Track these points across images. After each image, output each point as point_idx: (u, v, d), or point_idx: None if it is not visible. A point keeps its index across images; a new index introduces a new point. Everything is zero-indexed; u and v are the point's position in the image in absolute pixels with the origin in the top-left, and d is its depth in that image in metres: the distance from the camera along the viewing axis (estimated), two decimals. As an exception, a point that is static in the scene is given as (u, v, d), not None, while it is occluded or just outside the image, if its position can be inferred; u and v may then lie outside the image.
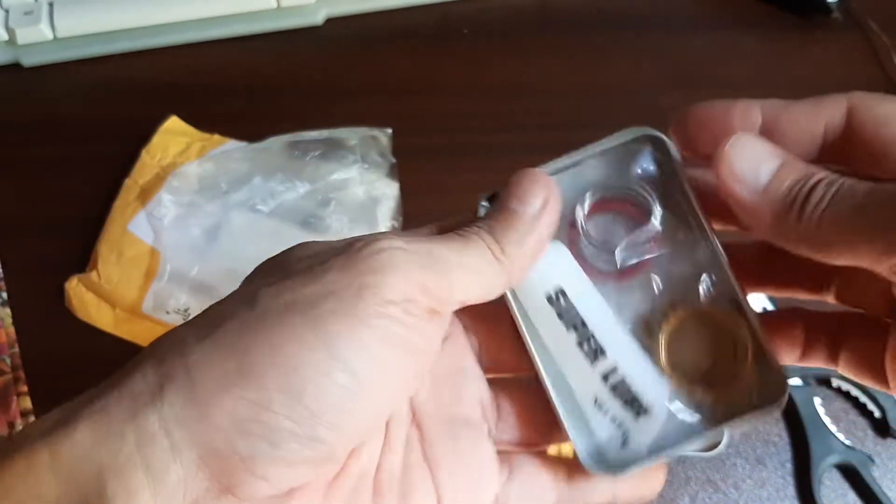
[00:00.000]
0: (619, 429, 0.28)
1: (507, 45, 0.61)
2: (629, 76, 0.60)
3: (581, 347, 0.28)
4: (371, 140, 0.56)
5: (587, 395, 0.28)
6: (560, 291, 0.28)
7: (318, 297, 0.23)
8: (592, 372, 0.28)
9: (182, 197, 0.54)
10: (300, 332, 0.23)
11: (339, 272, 0.24)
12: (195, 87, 0.60)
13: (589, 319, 0.28)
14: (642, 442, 0.28)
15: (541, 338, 0.29)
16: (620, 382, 0.28)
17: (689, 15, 0.62)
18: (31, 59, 0.60)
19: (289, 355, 0.22)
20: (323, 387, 0.22)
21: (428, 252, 0.25)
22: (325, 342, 0.23)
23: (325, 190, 0.54)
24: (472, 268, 0.26)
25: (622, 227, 0.29)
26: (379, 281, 0.23)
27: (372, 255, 0.24)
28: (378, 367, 0.24)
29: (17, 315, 0.54)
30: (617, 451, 0.28)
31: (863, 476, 0.48)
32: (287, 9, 0.61)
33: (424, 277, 0.24)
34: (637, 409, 0.28)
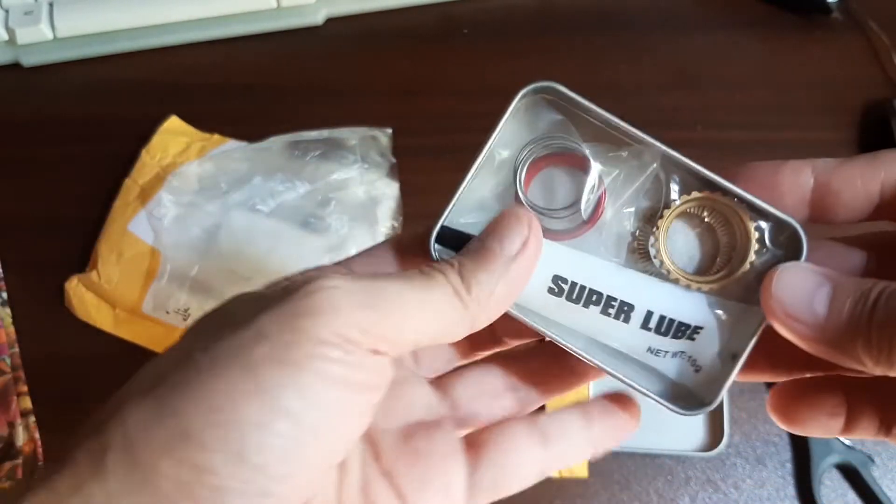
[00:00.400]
0: (684, 359, 0.28)
1: (507, 45, 0.61)
2: (629, 76, 0.60)
3: (608, 314, 0.28)
4: (371, 140, 0.56)
5: (640, 349, 0.28)
6: (557, 278, 0.28)
7: (251, 343, 0.22)
8: (631, 328, 0.28)
9: (182, 197, 0.54)
10: (235, 384, 0.22)
11: (271, 316, 0.23)
12: (195, 87, 0.60)
13: (598, 286, 0.28)
14: (711, 357, 0.28)
15: (565, 328, 0.28)
16: (661, 320, 0.28)
17: (689, 15, 0.62)
18: (31, 59, 0.60)
19: (226, 412, 0.21)
20: (265, 440, 0.21)
21: (373, 290, 0.24)
22: (261, 392, 0.21)
23: (325, 190, 0.54)
24: (431, 309, 0.24)
25: (563, 181, 0.29)
26: (312, 323, 0.22)
27: (307, 295, 0.23)
28: (322, 411, 0.22)
29: (16, 315, 0.54)
30: (694, 379, 0.28)
31: (863, 476, 0.48)
32: (287, 9, 0.61)
33: (364, 317, 0.23)
34: (689, 332, 0.28)
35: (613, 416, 0.30)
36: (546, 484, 0.50)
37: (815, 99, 0.58)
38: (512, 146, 0.29)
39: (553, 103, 0.29)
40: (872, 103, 0.58)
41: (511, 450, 0.28)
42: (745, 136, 0.57)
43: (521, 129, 0.29)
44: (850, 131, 0.57)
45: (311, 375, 0.22)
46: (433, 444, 0.28)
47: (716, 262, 0.28)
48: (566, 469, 0.49)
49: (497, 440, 0.29)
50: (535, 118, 0.29)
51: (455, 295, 0.25)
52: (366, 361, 0.23)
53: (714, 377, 0.28)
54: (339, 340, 0.22)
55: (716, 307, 0.28)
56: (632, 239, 0.29)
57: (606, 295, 0.28)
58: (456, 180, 0.28)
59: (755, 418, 0.51)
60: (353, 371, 0.23)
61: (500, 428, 0.29)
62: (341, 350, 0.22)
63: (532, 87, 0.28)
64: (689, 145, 0.30)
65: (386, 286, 0.24)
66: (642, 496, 0.50)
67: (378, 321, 0.23)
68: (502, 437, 0.29)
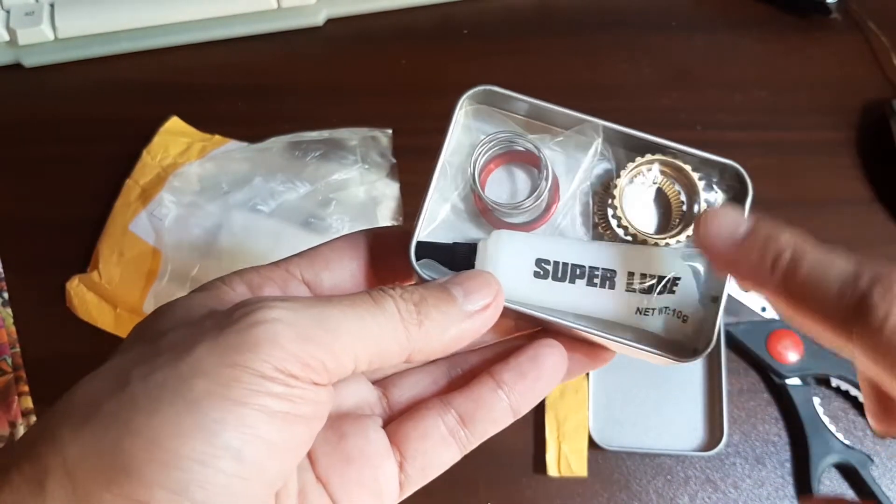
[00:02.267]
0: (670, 313, 0.29)
1: (507, 45, 0.61)
2: (629, 76, 0.60)
3: (594, 284, 0.29)
4: (371, 140, 0.56)
5: (629, 313, 0.29)
6: (539, 261, 0.29)
7: (190, 377, 0.22)
8: (618, 293, 0.29)
9: (183, 197, 0.54)
10: (177, 419, 0.21)
11: (209, 348, 0.22)
12: (196, 87, 0.60)
13: (578, 259, 0.29)
14: (694, 304, 0.29)
15: (554, 308, 0.29)
16: (643, 278, 0.29)
17: (689, 15, 0.62)
18: (32, 60, 0.60)
19: (168, 449, 0.21)
20: (208, 477, 0.21)
21: (315, 319, 0.23)
22: (203, 430, 0.21)
23: (326, 190, 0.54)
24: (373, 336, 0.24)
25: (517, 176, 0.31)
26: (252, 358, 0.22)
27: (247, 328, 0.22)
28: (264, 446, 0.22)
29: (18, 315, 0.54)
30: (683, 330, 0.29)
31: (862, 475, 0.48)
32: (288, 9, 0.61)
33: (304, 350, 0.23)
34: (670, 285, 0.29)
35: (528, 377, 0.29)
36: (545, 483, 0.50)
37: (815, 99, 0.58)
38: (462, 152, 0.30)
39: (493, 104, 0.31)
40: (871, 104, 0.58)
41: (431, 436, 0.29)
42: (745, 136, 0.57)
43: (469, 134, 0.31)
44: (850, 132, 0.57)
45: (252, 412, 0.22)
46: (363, 448, 0.28)
47: (671, 217, 0.30)
48: (566, 469, 0.49)
49: (416, 428, 0.29)
50: (479, 122, 0.31)
51: (401, 324, 0.25)
52: (307, 394, 0.23)
53: (701, 323, 0.29)
54: (279, 376, 0.22)
55: (686, 257, 0.30)
56: (592, 214, 0.30)
57: (588, 266, 0.29)
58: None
59: (754, 418, 0.51)
60: (294, 405, 0.23)
61: (417, 417, 0.29)
62: (283, 385, 0.22)
63: (470, 92, 0.30)
64: (688, 145, 0.30)
65: (329, 314, 0.24)
66: (641, 496, 0.50)
67: (317, 353, 0.23)
68: (421, 424, 0.29)
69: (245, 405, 0.22)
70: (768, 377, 0.51)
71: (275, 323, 0.23)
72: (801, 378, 0.50)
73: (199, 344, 0.22)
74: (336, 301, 0.25)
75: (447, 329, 0.26)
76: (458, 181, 0.30)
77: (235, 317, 0.23)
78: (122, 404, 0.22)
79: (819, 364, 0.50)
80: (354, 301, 0.25)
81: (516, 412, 0.29)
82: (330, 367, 0.23)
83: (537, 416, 0.51)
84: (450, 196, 0.30)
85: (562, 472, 0.49)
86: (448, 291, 0.26)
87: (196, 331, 0.23)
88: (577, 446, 0.50)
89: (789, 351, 0.50)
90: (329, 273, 0.29)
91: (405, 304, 0.25)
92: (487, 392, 0.29)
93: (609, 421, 0.51)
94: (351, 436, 0.28)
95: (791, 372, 0.50)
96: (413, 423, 0.29)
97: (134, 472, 0.21)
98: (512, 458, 0.50)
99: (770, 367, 0.50)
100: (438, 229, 0.30)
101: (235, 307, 0.24)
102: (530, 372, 0.29)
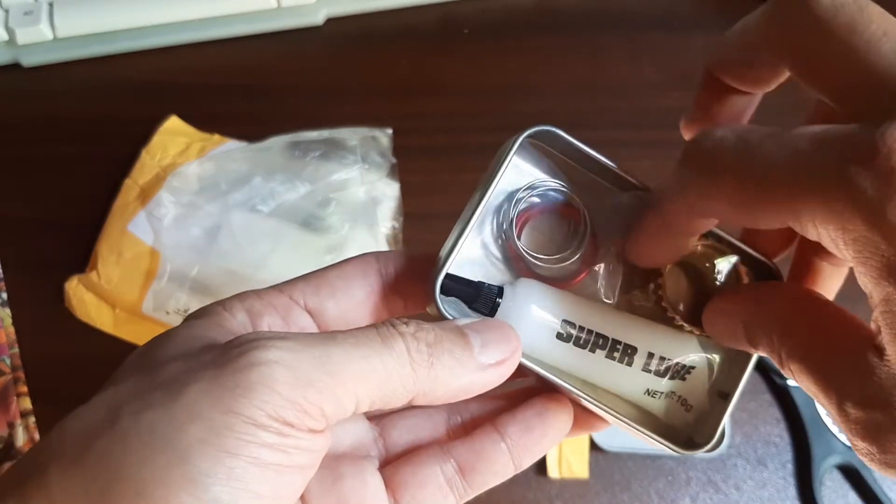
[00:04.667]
0: (674, 399, 0.29)
1: (507, 45, 0.61)
2: (629, 76, 0.60)
3: (613, 358, 0.28)
4: (371, 140, 0.56)
5: (638, 392, 0.28)
6: (565, 322, 0.28)
7: (182, 423, 0.21)
8: (633, 370, 0.28)
9: (182, 197, 0.54)
10: (166, 469, 0.21)
11: (204, 390, 0.21)
12: (195, 87, 0.60)
13: (604, 329, 0.28)
14: (701, 396, 0.29)
15: (566, 371, 0.28)
16: (660, 361, 0.28)
17: (689, 15, 0.62)
18: (31, 59, 0.60)
19: (155, 499, 0.21)
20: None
21: (316, 361, 0.22)
22: (193, 482, 0.21)
23: (326, 190, 0.54)
24: (374, 376, 0.23)
25: (555, 227, 0.29)
26: (246, 403, 0.21)
27: (243, 369, 0.22)
28: (254, 499, 0.22)
29: (16, 315, 0.54)
30: (685, 418, 0.29)
31: (864, 477, 0.48)
32: (287, 9, 0.61)
33: (302, 397, 0.22)
34: (683, 373, 0.28)
35: (535, 432, 0.28)
36: (546, 484, 0.50)
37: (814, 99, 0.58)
38: (503, 190, 0.28)
39: (542, 146, 0.29)
40: (873, 103, 0.57)
41: (428, 485, 0.27)
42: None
43: (512, 173, 0.28)
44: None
45: (243, 463, 0.21)
46: (358, 491, 0.27)
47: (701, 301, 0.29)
48: (567, 470, 0.49)
49: (415, 476, 0.28)
50: (525, 162, 0.29)
51: (410, 365, 0.24)
52: (301, 443, 0.22)
53: (705, 416, 0.29)
54: (274, 424, 0.22)
55: (706, 347, 0.29)
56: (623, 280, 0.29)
57: (612, 339, 0.28)
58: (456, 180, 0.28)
59: (756, 419, 0.51)
60: (287, 455, 0.22)
61: (416, 462, 0.28)
62: (276, 434, 0.22)
63: (530, 131, 0.27)
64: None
65: (331, 353, 0.23)
66: (643, 497, 0.50)
67: (316, 397, 0.22)
68: (420, 472, 0.28)
69: (236, 456, 0.21)
70: (770, 378, 0.51)
71: (272, 365, 0.22)
72: (802, 379, 0.50)
73: (193, 384, 0.22)
74: (340, 339, 0.23)
75: (458, 378, 0.25)
76: (490, 219, 0.29)
77: (232, 355, 0.22)
78: (113, 445, 0.21)
79: (821, 365, 0.50)
80: (359, 339, 0.24)
81: (518, 466, 0.28)
82: (328, 412, 0.23)
83: (538, 417, 0.51)
84: (480, 233, 0.29)
85: (563, 473, 0.49)
86: (466, 337, 0.25)
87: (192, 367, 0.22)
88: (579, 448, 0.50)
89: (791, 351, 0.50)
90: (335, 302, 0.28)
91: (417, 343, 0.24)
92: (490, 444, 0.28)
93: (610, 422, 0.51)
94: (348, 478, 0.27)
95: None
96: (412, 469, 0.28)
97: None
98: (512, 459, 0.50)
99: (772, 368, 0.50)
100: (461, 264, 0.28)
101: (233, 343, 0.23)
102: (536, 427, 0.28)
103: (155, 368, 0.23)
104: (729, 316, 0.26)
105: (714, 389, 0.29)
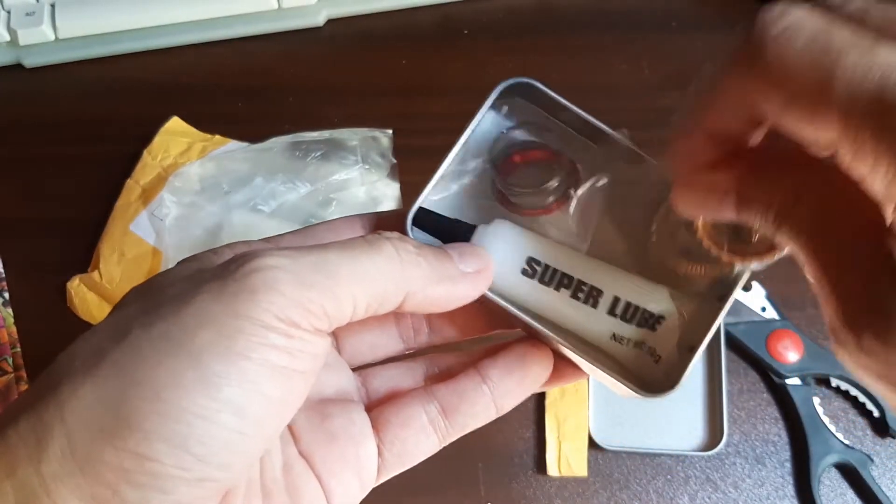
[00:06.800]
0: (644, 350, 0.29)
1: (507, 45, 0.61)
2: (629, 76, 0.60)
3: (577, 298, 0.29)
4: (372, 141, 0.56)
5: (604, 336, 0.29)
6: (531, 260, 0.29)
7: (193, 328, 0.22)
8: (598, 312, 0.29)
9: (184, 197, 0.54)
10: (180, 372, 0.21)
11: (212, 297, 0.22)
12: (196, 87, 0.60)
13: (570, 270, 0.29)
14: (670, 348, 0.29)
15: (534, 311, 0.29)
16: (627, 306, 0.29)
17: (689, 15, 0.62)
18: (33, 60, 0.60)
19: (170, 401, 0.21)
20: (210, 431, 0.21)
21: (313, 266, 0.23)
22: (207, 383, 0.21)
23: (326, 190, 0.54)
24: (367, 276, 0.24)
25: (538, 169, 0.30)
26: (254, 306, 0.22)
27: (246, 276, 0.22)
28: (265, 401, 0.22)
29: (18, 315, 0.54)
30: (653, 369, 0.29)
31: (862, 475, 0.48)
32: (288, 10, 0.61)
33: (304, 295, 0.23)
34: (652, 322, 0.29)
35: (514, 375, 0.29)
36: (545, 483, 0.50)
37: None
38: (487, 139, 0.30)
39: (530, 98, 0.30)
40: (872, 103, 0.58)
41: (412, 424, 0.29)
42: (745, 136, 0.57)
43: (498, 121, 0.31)
44: (850, 131, 0.57)
45: (255, 366, 0.22)
46: (347, 427, 0.28)
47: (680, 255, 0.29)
48: (566, 468, 0.49)
49: (398, 415, 0.29)
50: (512, 112, 0.31)
51: (399, 264, 0.25)
52: (306, 346, 0.23)
53: (672, 368, 0.29)
54: (281, 325, 0.22)
55: (678, 299, 0.29)
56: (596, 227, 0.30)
57: (577, 279, 0.29)
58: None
59: (754, 418, 0.51)
60: (294, 359, 0.23)
61: (400, 404, 0.29)
62: (284, 336, 0.22)
63: (510, 82, 0.29)
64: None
65: (325, 258, 0.24)
66: (642, 495, 0.50)
67: (318, 297, 0.23)
68: (403, 412, 0.29)
69: (248, 359, 0.22)
70: (768, 377, 0.51)
71: (273, 270, 0.23)
72: (800, 378, 0.50)
73: (201, 293, 0.22)
74: (332, 247, 0.24)
75: (442, 280, 0.26)
76: (477, 165, 0.30)
77: (233, 268, 0.23)
78: (126, 353, 0.22)
79: (819, 364, 0.50)
80: (351, 245, 0.25)
81: (499, 409, 0.30)
82: (330, 311, 0.23)
83: (537, 416, 0.51)
84: (464, 176, 0.30)
85: (562, 471, 0.50)
86: (445, 250, 0.27)
87: (196, 283, 0.23)
88: (578, 446, 0.50)
89: (789, 351, 0.50)
90: None
91: (404, 244, 0.25)
92: (472, 386, 0.29)
93: (609, 421, 0.51)
94: (335, 416, 0.28)
95: (791, 372, 0.50)
96: (395, 409, 0.29)
97: (135, 425, 0.21)
98: (512, 458, 0.51)
99: (770, 367, 0.50)
100: (443, 203, 0.30)
101: (231, 260, 0.24)
102: (516, 370, 0.29)
103: (158, 291, 0.24)
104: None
105: (684, 343, 0.29)
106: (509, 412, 0.30)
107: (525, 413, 0.51)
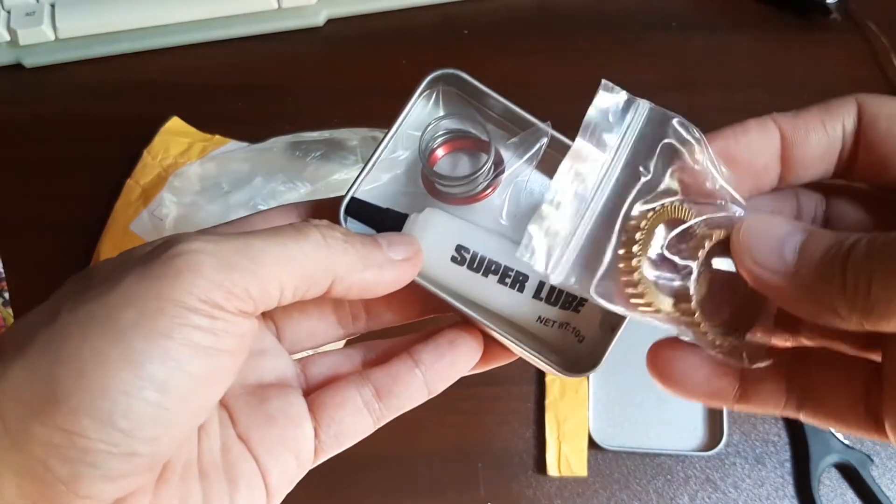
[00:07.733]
0: (568, 330, 0.30)
1: (507, 45, 0.61)
2: (629, 76, 0.60)
3: (504, 283, 0.30)
4: (372, 140, 0.56)
5: (530, 318, 0.30)
6: (459, 248, 0.30)
7: (118, 308, 0.23)
8: (524, 297, 0.30)
9: (184, 197, 0.54)
10: (104, 350, 0.22)
11: (136, 279, 0.23)
12: (196, 87, 0.60)
13: (498, 257, 0.30)
14: (593, 328, 0.30)
15: (464, 296, 0.30)
16: (551, 291, 0.30)
17: (689, 15, 0.62)
18: (33, 60, 0.60)
19: (95, 378, 0.22)
20: (133, 407, 0.22)
21: (236, 249, 0.24)
22: (130, 361, 0.22)
23: (326, 190, 0.54)
24: (293, 261, 0.25)
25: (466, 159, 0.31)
26: (176, 288, 0.23)
27: (170, 259, 0.23)
28: (188, 378, 0.23)
29: (18, 315, 0.54)
30: (577, 349, 0.30)
31: (861, 475, 0.48)
32: (288, 10, 0.61)
33: (227, 278, 0.23)
34: (575, 304, 0.30)
35: (446, 358, 0.30)
36: (545, 483, 0.50)
37: (815, 99, 0.58)
38: (420, 127, 0.31)
39: (461, 90, 0.32)
40: (871, 104, 0.58)
41: (347, 407, 0.29)
42: (745, 136, 0.57)
43: (430, 111, 0.32)
44: (850, 131, 0.57)
45: (177, 344, 0.23)
46: (284, 409, 0.29)
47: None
48: (566, 468, 0.49)
49: (334, 398, 0.30)
50: (443, 103, 0.32)
51: (326, 249, 0.26)
52: (230, 327, 0.24)
53: (595, 347, 0.30)
54: (204, 307, 0.23)
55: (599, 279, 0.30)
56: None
57: (504, 265, 0.30)
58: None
59: (754, 418, 0.51)
60: (218, 338, 0.24)
61: (336, 387, 0.30)
62: (207, 317, 0.23)
63: (437, 73, 0.31)
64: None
65: (250, 242, 0.25)
66: (642, 495, 0.50)
67: (241, 280, 0.24)
68: (339, 395, 0.30)
69: (170, 338, 0.23)
70: (768, 377, 0.51)
71: (196, 254, 0.23)
72: (800, 378, 0.50)
73: (126, 277, 0.23)
74: (259, 232, 0.25)
75: (369, 266, 0.27)
76: (408, 155, 0.31)
77: (158, 252, 0.24)
78: (53, 335, 0.23)
79: (819, 364, 0.50)
80: (277, 231, 0.25)
81: (431, 391, 0.31)
82: (255, 294, 0.24)
83: (537, 416, 0.51)
84: (398, 166, 0.31)
85: (562, 471, 0.50)
86: (374, 238, 0.28)
87: (125, 268, 0.24)
88: (578, 446, 0.50)
89: (789, 351, 0.50)
90: None
91: (331, 231, 0.26)
92: (405, 369, 0.30)
93: (609, 421, 0.51)
94: (273, 399, 0.29)
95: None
96: (332, 393, 0.30)
97: (63, 401, 0.22)
98: (512, 458, 0.51)
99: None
100: (375, 192, 0.31)
101: (158, 245, 0.24)
102: (447, 354, 0.30)
103: (89, 277, 0.25)
104: None
105: (606, 323, 0.30)
106: (509, 413, 0.30)
107: (525, 413, 0.51)
